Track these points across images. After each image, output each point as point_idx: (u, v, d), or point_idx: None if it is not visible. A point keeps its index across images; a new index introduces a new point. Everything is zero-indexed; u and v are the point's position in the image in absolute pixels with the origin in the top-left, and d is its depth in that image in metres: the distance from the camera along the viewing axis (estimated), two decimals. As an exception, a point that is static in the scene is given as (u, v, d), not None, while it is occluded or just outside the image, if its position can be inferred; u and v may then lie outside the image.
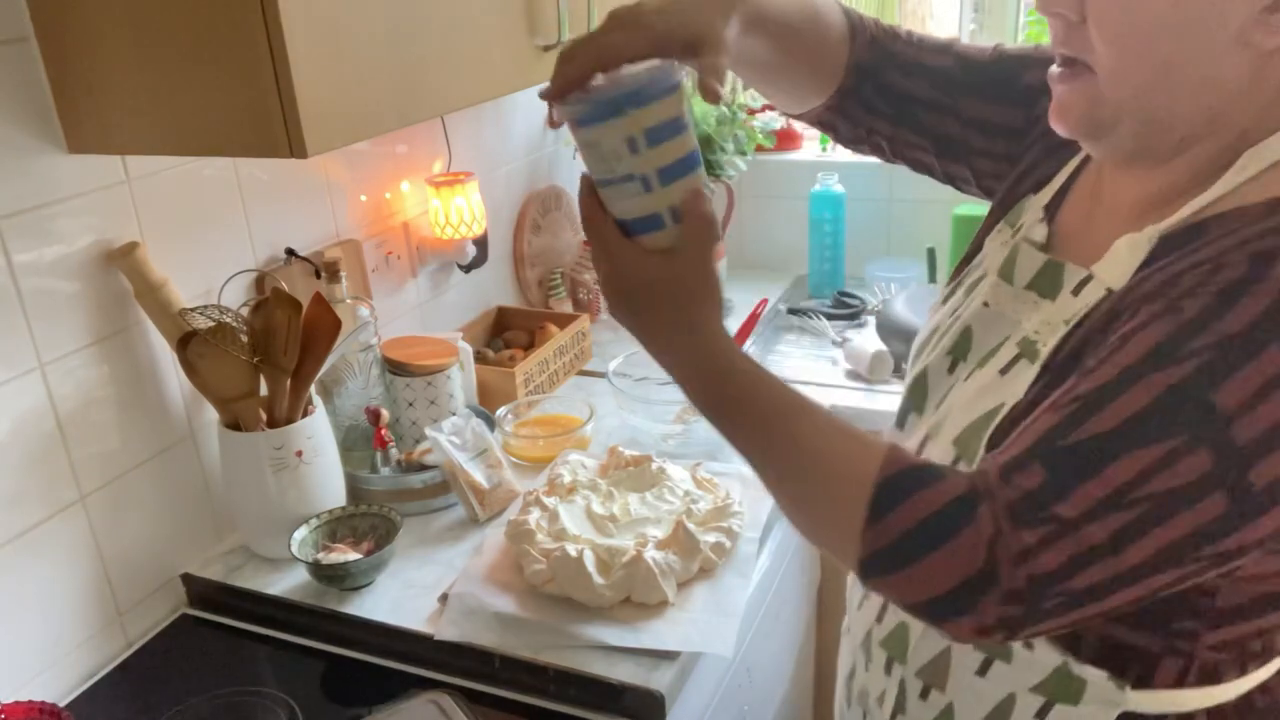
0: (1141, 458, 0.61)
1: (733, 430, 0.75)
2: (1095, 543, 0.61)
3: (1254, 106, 0.68)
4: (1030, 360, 0.75)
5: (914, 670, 0.85)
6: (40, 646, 1.11)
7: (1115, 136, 0.73)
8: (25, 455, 1.07)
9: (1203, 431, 0.60)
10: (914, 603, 0.67)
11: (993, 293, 0.84)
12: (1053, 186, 0.86)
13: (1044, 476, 0.63)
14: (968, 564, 0.63)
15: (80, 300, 1.12)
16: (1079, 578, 0.62)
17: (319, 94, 0.92)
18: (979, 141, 0.94)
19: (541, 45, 1.27)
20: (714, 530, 1.20)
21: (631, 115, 0.68)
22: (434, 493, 1.36)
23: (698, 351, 0.74)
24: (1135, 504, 0.61)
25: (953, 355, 0.86)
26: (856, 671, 0.94)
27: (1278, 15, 0.64)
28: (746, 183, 2.12)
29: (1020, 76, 0.91)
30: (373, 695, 1.10)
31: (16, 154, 1.03)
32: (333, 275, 1.37)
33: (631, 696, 1.03)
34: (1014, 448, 0.66)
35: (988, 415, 0.76)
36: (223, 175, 1.27)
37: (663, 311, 0.74)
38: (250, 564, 1.28)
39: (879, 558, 0.66)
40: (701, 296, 0.73)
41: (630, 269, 0.73)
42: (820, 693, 1.85)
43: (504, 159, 1.88)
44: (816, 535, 0.75)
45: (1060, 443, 0.63)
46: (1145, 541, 0.61)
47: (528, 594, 1.14)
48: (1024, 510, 0.63)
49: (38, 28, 1.01)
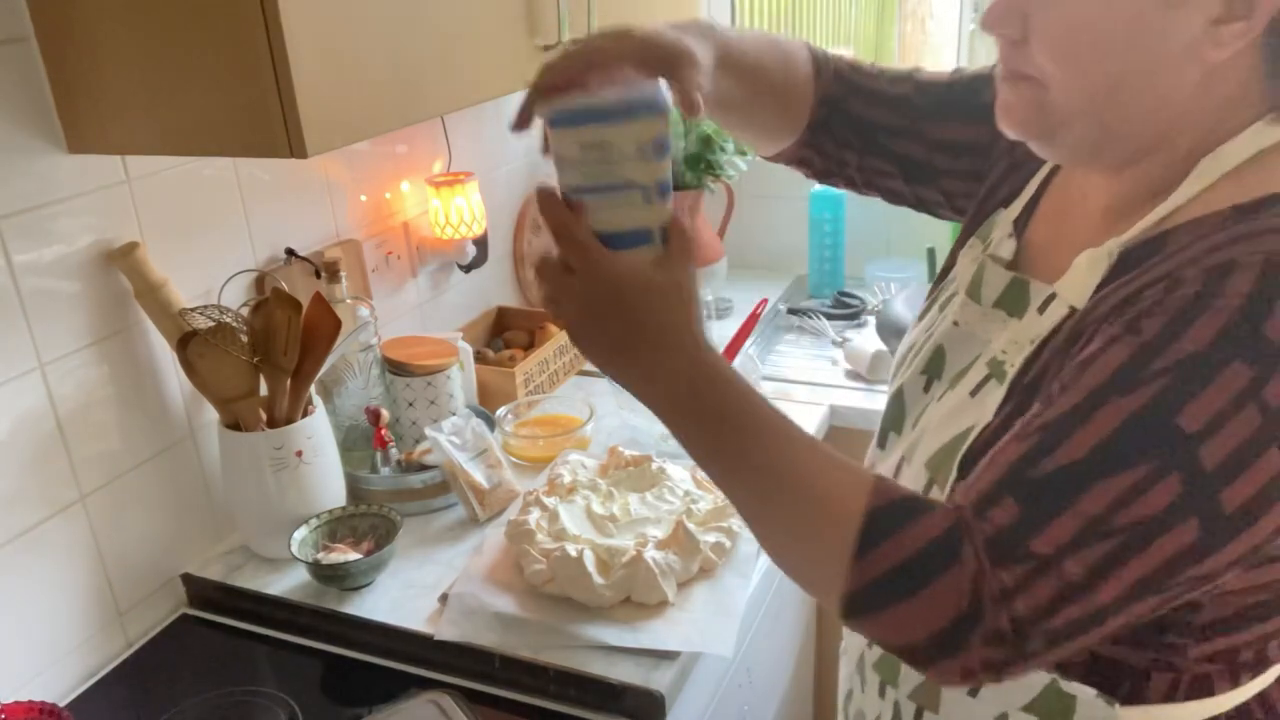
0: (1112, 487, 0.60)
1: (718, 445, 0.71)
2: (1073, 579, 0.61)
3: (1204, 115, 0.68)
4: (999, 381, 0.75)
5: (906, 693, 0.85)
6: (40, 646, 1.11)
7: (1063, 141, 0.72)
8: (25, 455, 1.07)
9: (1170, 457, 0.59)
10: (898, 645, 0.65)
11: (962, 311, 0.84)
12: (1022, 200, 0.86)
13: (1017, 511, 0.62)
14: (953, 606, 0.62)
15: (80, 300, 1.12)
16: (1060, 616, 0.61)
17: (319, 94, 0.92)
18: (944, 162, 0.95)
19: (541, 45, 1.27)
20: (714, 530, 1.20)
21: (645, 121, 0.67)
22: (434, 493, 1.36)
23: (688, 361, 0.70)
24: (1110, 535, 0.60)
25: (927, 374, 0.86)
26: (854, 694, 0.95)
27: (1224, 28, 0.63)
28: (746, 183, 2.12)
29: (979, 94, 0.91)
30: (373, 695, 1.10)
31: (16, 154, 1.03)
32: (333, 275, 1.37)
33: (631, 696, 1.03)
34: (984, 479, 0.65)
35: (959, 438, 0.76)
36: (223, 175, 1.27)
37: (652, 322, 0.70)
38: (250, 564, 1.28)
39: (864, 594, 0.65)
40: (692, 307, 0.71)
41: (619, 281, 0.69)
42: (820, 693, 1.85)
43: (504, 159, 1.88)
44: (798, 565, 0.72)
45: (1030, 474, 0.63)
46: (1123, 573, 0.60)
47: (528, 594, 1.14)
48: (1000, 548, 0.62)
49: (38, 28, 1.01)
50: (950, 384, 0.82)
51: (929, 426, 0.81)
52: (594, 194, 0.69)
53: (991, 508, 0.63)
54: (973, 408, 0.76)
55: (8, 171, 1.02)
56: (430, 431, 1.34)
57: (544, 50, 1.28)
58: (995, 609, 0.61)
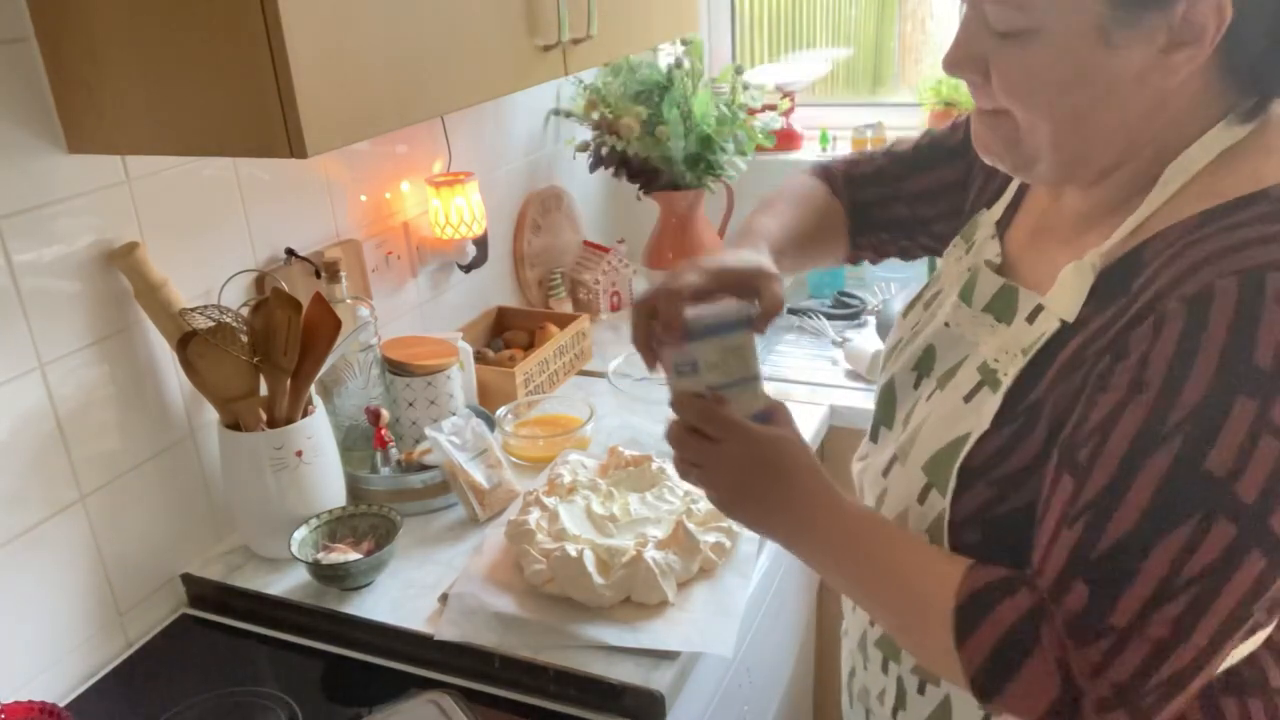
0: (1170, 547, 0.63)
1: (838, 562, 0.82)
2: (1160, 637, 0.64)
3: (1165, 126, 0.71)
4: (992, 389, 0.78)
5: (909, 668, 0.88)
6: (40, 646, 1.11)
7: (1035, 168, 0.77)
8: (25, 455, 1.07)
9: (1212, 503, 0.63)
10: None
11: (953, 313, 0.87)
12: (1003, 201, 0.91)
13: (1087, 592, 0.66)
14: (1049, 687, 0.67)
15: (80, 300, 1.12)
16: (1162, 670, 0.65)
17: (319, 94, 0.92)
18: (927, 210, 1.05)
19: (541, 45, 1.27)
20: (714, 530, 1.20)
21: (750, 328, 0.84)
22: (434, 493, 1.36)
23: (818, 502, 0.81)
24: (1181, 591, 0.63)
25: (917, 371, 0.89)
26: (857, 672, 0.97)
27: (1174, 56, 0.67)
28: (746, 183, 2.12)
29: (948, 139, 1.03)
30: (373, 695, 1.10)
31: (16, 154, 1.03)
32: (333, 275, 1.37)
33: (631, 696, 1.03)
34: (1052, 565, 0.68)
35: (956, 443, 0.79)
36: (223, 175, 1.27)
37: (793, 472, 0.82)
38: (250, 564, 1.28)
39: (980, 680, 0.70)
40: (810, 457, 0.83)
41: (766, 441, 0.82)
42: (820, 693, 1.85)
43: (504, 159, 1.88)
44: (931, 663, 0.77)
45: (1091, 555, 0.66)
46: (1208, 619, 0.64)
47: (528, 594, 1.14)
48: (1080, 630, 0.66)
49: (38, 28, 1.01)
50: (939, 384, 0.85)
51: (921, 428, 0.84)
52: (734, 387, 0.84)
53: (1064, 594, 0.67)
54: (969, 414, 0.79)
55: (8, 171, 1.02)
56: (430, 431, 1.34)
57: (544, 50, 1.28)
58: (1092, 683, 0.65)
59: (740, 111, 1.97)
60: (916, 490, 0.82)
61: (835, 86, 2.38)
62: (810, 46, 2.37)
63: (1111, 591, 0.65)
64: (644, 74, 1.96)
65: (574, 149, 2.04)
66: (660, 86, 1.94)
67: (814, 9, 2.36)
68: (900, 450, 0.86)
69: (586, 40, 1.36)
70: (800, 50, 2.38)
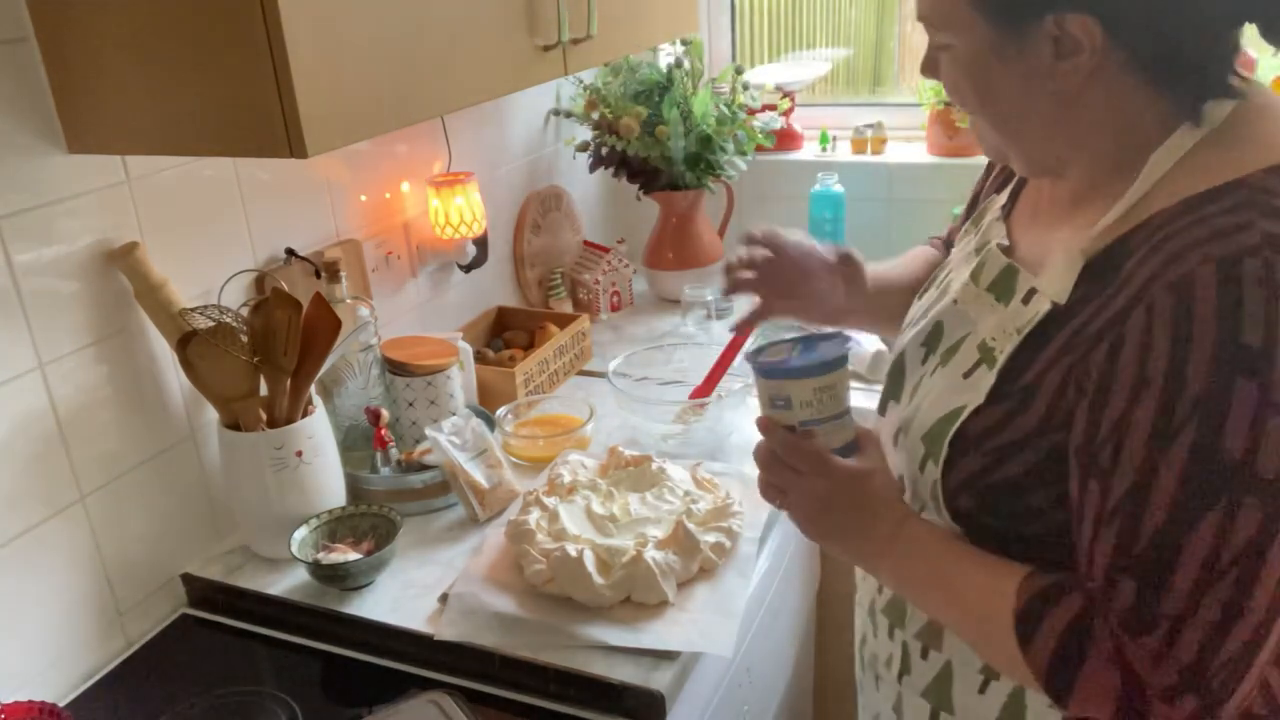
0: (1205, 533, 0.66)
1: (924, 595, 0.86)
2: (1214, 617, 0.66)
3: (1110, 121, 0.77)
4: (989, 366, 0.81)
5: (913, 633, 0.92)
6: (40, 646, 1.11)
7: (1011, 161, 0.86)
8: (25, 455, 1.07)
9: (1236, 485, 0.65)
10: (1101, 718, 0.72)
11: (962, 292, 0.90)
12: (1010, 187, 0.95)
13: (1134, 586, 0.68)
14: (1111, 681, 0.69)
15: (80, 300, 1.12)
16: (1226, 647, 0.67)
17: (319, 94, 0.92)
18: None
19: (541, 45, 1.27)
20: (714, 530, 1.20)
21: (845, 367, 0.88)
22: (434, 493, 1.36)
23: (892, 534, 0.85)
24: (1226, 570, 0.66)
25: (926, 347, 0.92)
26: (867, 639, 1.01)
27: (1063, 65, 0.74)
28: (746, 183, 2.12)
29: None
30: (373, 695, 1.10)
31: (16, 154, 1.03)
32: (333, 275, 1.37)
33: (631, 696, 1.03)
34: (1095, 570, 0.71)
35: (951, 415, 0.82)
36: (223, 175, 1.27)
37: (870, 507, 0.86)
38: (250, 564, 1.28)
39: (1049, 684, 0.73)
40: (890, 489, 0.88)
41: (851, 483, 0.86)
42: (820, 692, 1.85)
43: (504, 159, 1.88)
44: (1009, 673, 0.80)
45: (1133, 551, 0.69)
46: (1258, 589, 0.66)
47: (528, 594, 1.14)
48: (1135, 622, 0.68)
49: (38, 28, 1.01)
50: (942, 359, 0.88)
51: (925, 402, 0.87)
52: (825, 423, 0.87)
53: (1113, 592, 0.70)
54: (966, 390, 0.82)
55: (8, 171, 1.02)
56: (430, 431, 1.34)
57: (544, 50, 1.28)
58: (1154, 673, 0.68)
59: (740, 111, 1.97)
60: (918, 459, 0.86)
61: (835, 86, 2.38)
62: (810, 46, 2.37)
63: (1157, 583, 0.67)
64: (644, 74, 1.96)
65: (574, 149, 2.04)
66: (660, 86, 1.94)
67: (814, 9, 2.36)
68: (904, 423, 0.89)
69: (586, 40, 1.36)
70: (800, 50, 2.37)
